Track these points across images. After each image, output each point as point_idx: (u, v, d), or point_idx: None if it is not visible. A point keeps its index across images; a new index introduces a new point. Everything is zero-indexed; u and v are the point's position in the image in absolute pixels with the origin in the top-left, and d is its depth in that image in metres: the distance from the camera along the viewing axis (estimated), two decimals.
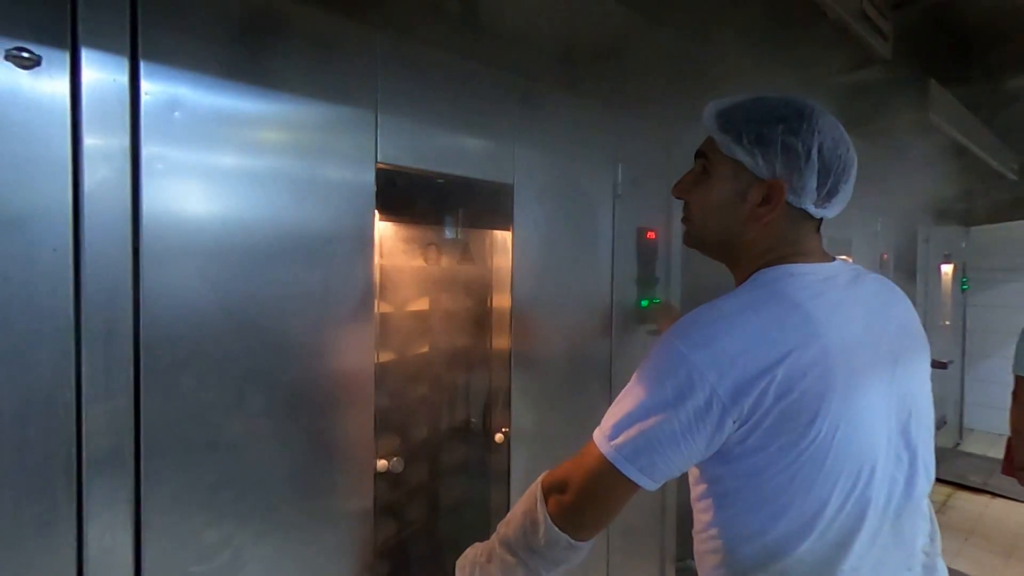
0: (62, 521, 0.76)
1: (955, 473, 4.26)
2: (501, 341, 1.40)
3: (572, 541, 0.83)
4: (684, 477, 0.88)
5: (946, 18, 1.98)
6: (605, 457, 0.78)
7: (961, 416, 5.16)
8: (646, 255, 1.70)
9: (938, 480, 4.17)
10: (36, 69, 0.73)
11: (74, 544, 0.77)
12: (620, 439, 0.77)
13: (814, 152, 0.77)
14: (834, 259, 0.85)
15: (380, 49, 1.07)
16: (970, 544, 3.30)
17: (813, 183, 0.78)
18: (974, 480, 4.11)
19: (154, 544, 0.84)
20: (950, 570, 2.98)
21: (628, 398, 0.79)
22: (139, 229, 0.80)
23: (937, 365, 4.17)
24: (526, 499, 0.90)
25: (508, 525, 0.91)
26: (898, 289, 0.90)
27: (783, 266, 0.80)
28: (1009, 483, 3.28)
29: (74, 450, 0.77)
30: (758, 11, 1.27)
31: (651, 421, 0.75)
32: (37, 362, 0.74)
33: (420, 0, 1.19)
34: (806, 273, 0.79)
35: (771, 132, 0.78)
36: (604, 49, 1.50)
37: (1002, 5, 1.97)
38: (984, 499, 3.92)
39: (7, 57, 0.71)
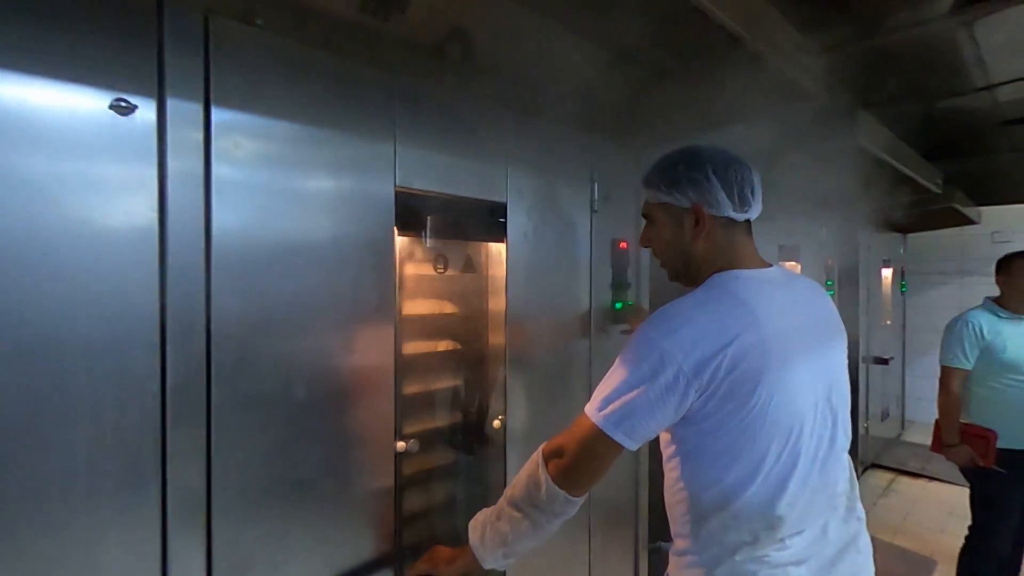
0: (150, 480, 0.92)
1: (897, 460, 4.64)
2: (497, 339, 1.58)
3: (569, 496, 1.02)
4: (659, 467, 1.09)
5: (876, 56, 2.27)
6: (596, 425, 0.97)
7: (903, 409, 5.57)
8: (619, 263, 1.91)
9: (882, 467, 4.55)
10: (132, 115, 0.89)
11: (159, 501, 0.93)
12: (607, 410, 0.97)
13: (711, 174, 1.02)
14: (771, 265, 1.08)
15: (397, 91, 1.26)
16: (909, 521, 3.63)
17: (722, 195, 1.02)
18: (913, 466, 4.49)
19: (222, 506, 0.99)
20: (891, 546, 3.33)
21: (613, 377, 0.99)
22: (210, 241, 0.96)
23: (879, 361, 4.54)
24: (529, 465, 1.09)
25: (514, 488, 1.09)
26: (822, 289, 1.14)
27: (730, 271, 1.02)
28: (944, 468, 3.63)
29: (159, 434, 0.92)
30: (711, 56, 1.51)
31: (632, 394, 0.95)
32: (130, 357, 0.89)
33: (428, 48, 1.39)
34: (748, 276, 1.01)
35: (675, 173, 1.04)
36: (582, 83, 1.72)
37: (928, 40, 2.27)
38: (922, 483, 4.29)
39: (111, 106, 0.87)
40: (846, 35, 2.01)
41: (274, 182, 1.06)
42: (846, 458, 1.09)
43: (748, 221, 1.07)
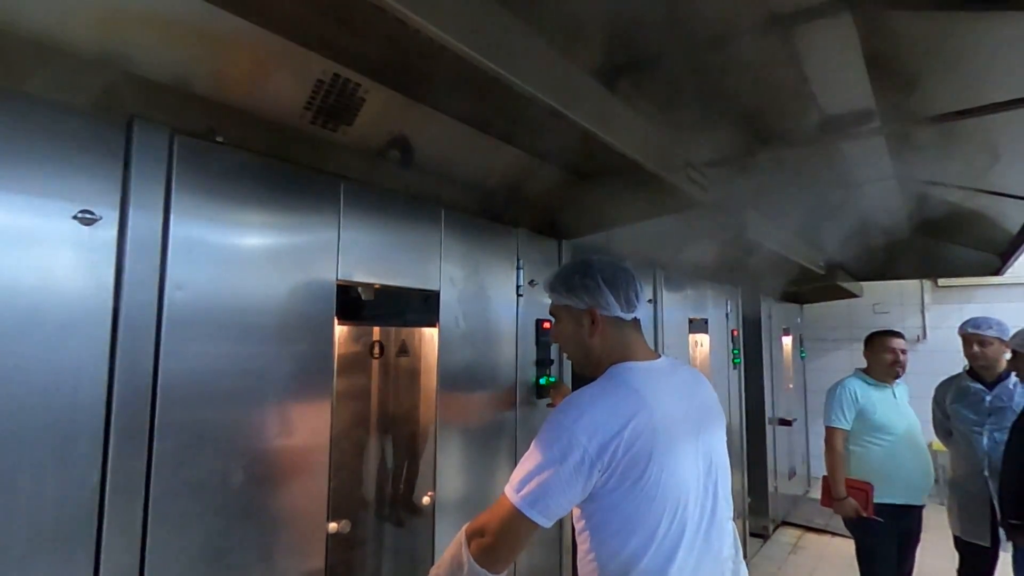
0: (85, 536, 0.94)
1: (804, 517, 4.95)
2: (428, 418, 1.69)
3: (489, 574, 1.12)
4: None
5: (765, 160, 2.67)
6: (515, 506, 1.09)
7: (808, 467, 5.99)
8: (543, 342, 2.09)
9: (790, 524, 4.83)
10: (96, 224, 0.97)
11: (94, 549, 0.96)
12: (524, 491, 1.09)
13: (601, 282, 1.23)
14: (659, 356, 1.27)
15: (342, 192, 1.40)
16: None
17: (611, 299, 1.22)
18: (818, 523, 4.81)
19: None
20: None
21: (529, 460, 1.12)
22: (160, 336, 1.04)
23: (783, 423, 4.92)
24: (453, 545, 1.18)
25: (439, 567, 1.18)
26: (703, 376, 1.34)
27: (624, 364, 1.20)
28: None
29: (96, 524, 0.95)
30: (618, 173, 1.77)
31: (545, 475, 1.08)
32: (75, 446, 0.94)
33: (370, 154, 1.55)
34: (639, 368, 1.20)
35: (573, 281, 1.25)
36: (507, 183, 1.94)
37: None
38: (826, 538, 4.60)
39: (74, 216, 0.95)
40: (734, 151, 2.39)
41: (227, 276, 1.15)
42: (730, 526, 1.26)
43: (636, 319, 1.27)
